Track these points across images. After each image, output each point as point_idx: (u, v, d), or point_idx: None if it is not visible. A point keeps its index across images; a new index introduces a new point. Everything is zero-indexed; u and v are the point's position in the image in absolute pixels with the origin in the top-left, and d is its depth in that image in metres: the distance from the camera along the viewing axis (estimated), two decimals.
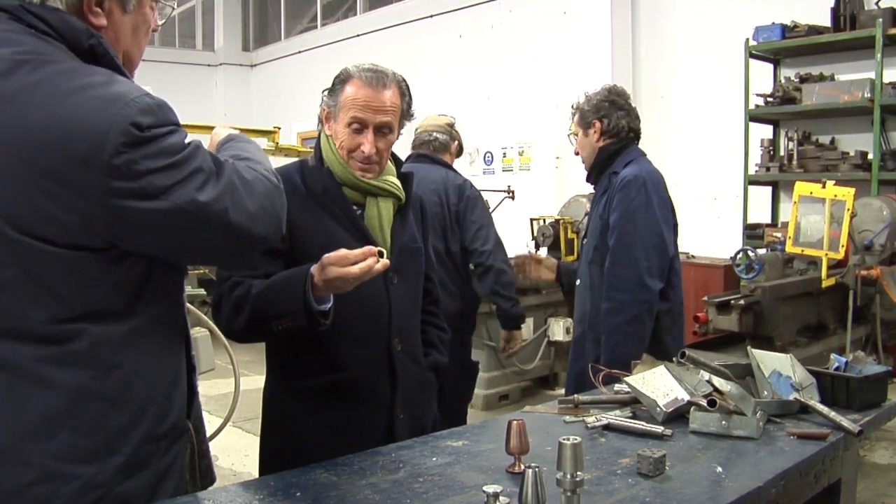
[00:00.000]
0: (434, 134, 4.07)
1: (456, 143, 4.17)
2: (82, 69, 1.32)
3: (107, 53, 1.37)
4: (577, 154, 3.25)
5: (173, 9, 1.64)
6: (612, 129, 3.11)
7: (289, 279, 1.88)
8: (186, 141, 1.37)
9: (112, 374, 1.35)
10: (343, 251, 1.80)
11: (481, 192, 4.17)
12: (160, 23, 1.56)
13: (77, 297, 1.32)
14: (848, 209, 4.04)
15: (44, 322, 1.30)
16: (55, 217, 1.27)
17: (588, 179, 3.25)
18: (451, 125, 4.19)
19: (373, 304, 2.07)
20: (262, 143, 8.22)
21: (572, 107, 3.27)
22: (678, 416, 1.97)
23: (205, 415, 1.75)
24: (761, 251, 4.54)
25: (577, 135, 3.22)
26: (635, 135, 3.16)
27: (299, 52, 12.64)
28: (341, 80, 2.10)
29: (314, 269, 1.83)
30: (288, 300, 1.84)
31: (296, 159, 2.22)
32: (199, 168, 1.35)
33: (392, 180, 2.18)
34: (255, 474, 2.17)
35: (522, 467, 1.54)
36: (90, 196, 1.26)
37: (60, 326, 1.31)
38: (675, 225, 3.12)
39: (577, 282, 3.18)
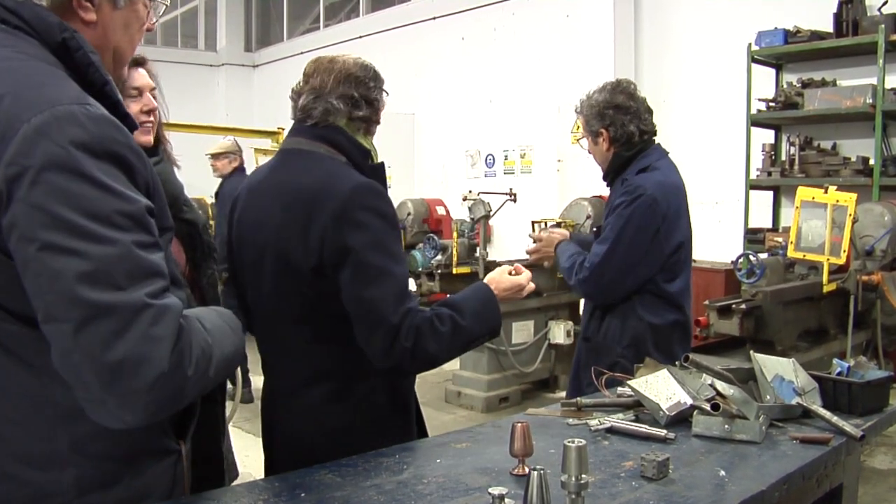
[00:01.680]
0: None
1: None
2: (28, 67, 1.25)
3: (80, 48, 1.31)
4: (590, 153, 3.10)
5: (166, 6, 1.59)
6: (620, 136, 2.93)
7: (483, 303, 2.05)
8: (128, 217, 1.21)
9: (63, 384, 1.22)
10: (516, 281, 2.13)
11: (481, 195, 4.18)
12: (153, 21, 1.52)
13: (12, 301, 1.25)
14: (849, 214, 4.05)
15: None
16: None
17: (604, 179, 3.11)
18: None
19: None
20: (266, 143, 8.27)
21: (575, 110, 3.09)
22: (681, 419, 1.98)
23: None
24: (763, 256, 4.55)
25: (584, 142, 3.09)
26: (649, 136, 2.98)
27: (302, 53, 12.63)
28: (381, 77, 2.07)
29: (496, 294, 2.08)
30: (490, 325, 2.05)
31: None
32: (102, 258, 1.17)
33: None
34: (255, 474, 2.17)
35: (527, 470, 1.54)
36: None
37: (3, 326, 1.27)
38: (690, 236, 3.07)
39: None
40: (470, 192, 6.36)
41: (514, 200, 6.56)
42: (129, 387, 1.16)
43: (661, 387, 2.04)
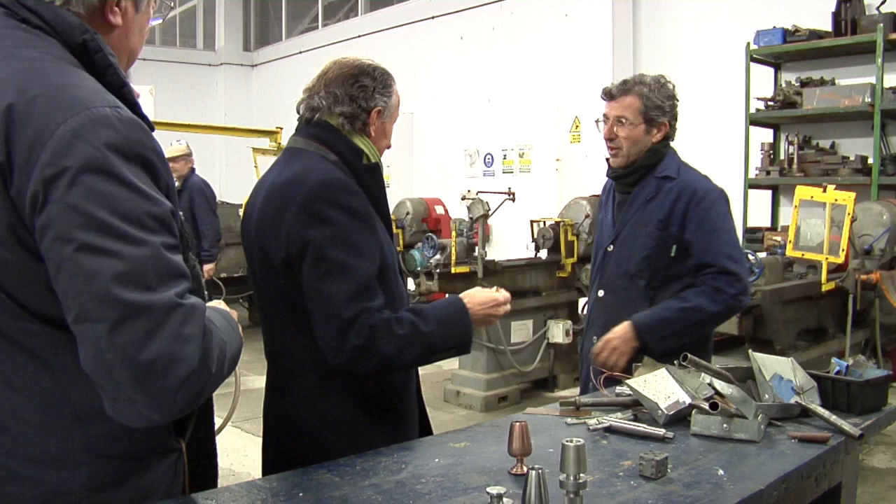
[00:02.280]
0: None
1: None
2: (57, 68, 1.26)
3: (100, 49, 1.32)
4: (610, 139, 2.77)
5: (171, 7, 1.62)
6: (671, 135, 2.79)
7: (452, 316, 2.02)
8: (157, 220, 1.23)
9: (79, 385, 1.27)
10: (491, 295, 2.10)
11: (480, 195, 4.18)
12: (155, 22, 1.55)
13: (32, 301, 1.26)
14: (848, 213, 4.05)
15: (4, 320, 1.26)
16: (1, 215, 1.21)
17: (614, 175, 2.85)
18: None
19: (400, 305, 2.08)
20: (264, 143, 8.27)
21: (626, 88, 2.75)
22: (679, 418, 1.97)
23: None
24: (761, 255, 4.55)
25: (624, 122, 2.72)
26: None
27: (300, 52, 12.66)
28: (388, 79, 2.06)
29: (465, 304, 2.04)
30: (457, 336, 2.01)
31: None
32: (140, 258, 1.19)
33: None
34: (255, 474, 2.17)
35: (525, 469, 1.54)
36: (22, 199, 1.19)
37: (21, 326, 1.27)
38: None
39: (601, 293, 2.83)
40: (469, 191, 6.36)
41: (513, 200, 6.56)
42: (161, 385, 1.19)
43: (659, 386, 2.04)
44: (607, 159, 2.88)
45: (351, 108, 2.00)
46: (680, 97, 2.84)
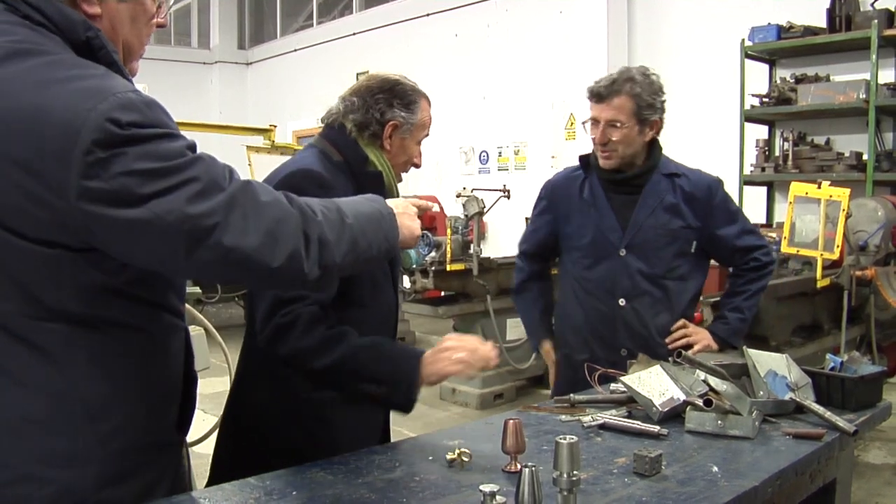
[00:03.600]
0: None
1: None
2: (70, 61, 1.26)
3: (104, 47, 1.32)
4: (602, 143, 2.65)
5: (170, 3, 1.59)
6: (660, 130, 2.72)
7: (399, 358, 1.89)
8: (190, 150, 1.27)
9: (90, 381, 1.29)
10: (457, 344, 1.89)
11: (475, 192, 4.17)
12: (164, 16, 1.50)
13: (50, 296, 1.26)
14: (843, 210, 4.05)
15: (15, 316, 1.25)
16: (26, 210, 1.20)
17: (617, 178, 2.72)
18: None
19: (384, 310, 2.11)
20: (258, 140, 8.25)
21: (615, 89, 2.61)
22: (674, 415, 1.97)
23: (199, 413, 1.74)
24: None
25: (618, 126, 2.61)
26: None
27: (295, 50, 12.64)
28: (413, 98, 2.08)
29: (425, 357, 1.86)
30: (392, 378, 1.85)
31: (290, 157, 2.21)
32: (195, 178, 1.24)
33: None
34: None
35: (519, 466, 1.53)
36: (63, 194, 1.18)
37: (33, 323, 1.26)
38: None
39: (622, 302, 2.69)
40: (464, 188, 6.35)
41: (508, 197, 6.55)
42: (288, 234, 1.32)
43: (653, 383, 2.03)
44: (583, 157, 2.82)
45: (363, 117, 2.04)
46: (674, 94, 2.83)
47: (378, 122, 2.04)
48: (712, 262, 2.93)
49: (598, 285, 2.74)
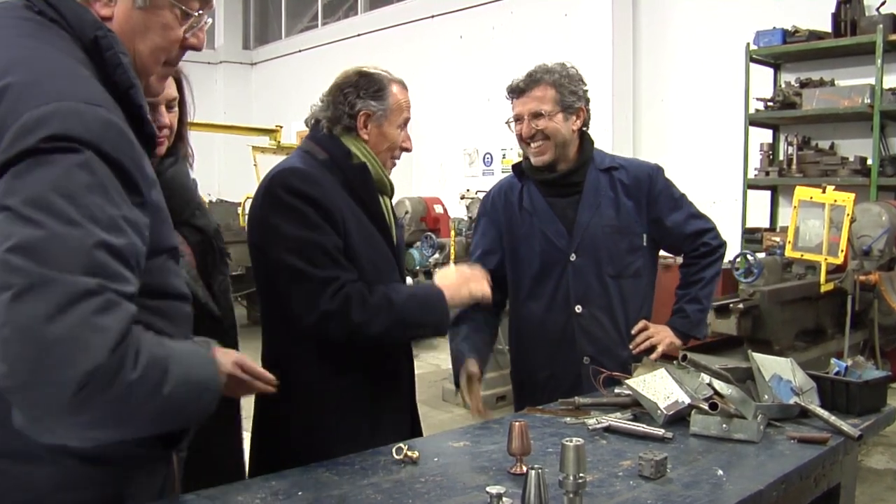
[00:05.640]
0: None
1: None
2: (50, 60, 1.23)
3: (112, 47, 1.28)
4: (530, 137, 2.58)
5: (209, 22, 1.50)
6: (587, 120, 2.64)
7: (425, 293, 2.16)
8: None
9: None
10: (462, 271, 2.21)
11: (479, 194, 4.17)
12: (194, 36, 1.44)
13: None
14: (847, 214, 4.05)
15: None
16: None
17: (549, 179, 2.63)
18: None
19: None
20: (264, 141, 8.26)
21: (535, 79, 2.63)
22: (679, 418, 1.97)
23: None
24: (760, 255, 4.55)
25: (543, 114, 2.55)
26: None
27: (300, 50, 12.65)
28: (380, 86, 2.15)
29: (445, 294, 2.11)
30: (431, 314, 2.10)
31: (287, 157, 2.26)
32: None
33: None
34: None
35: (524, 468, 1.54)
36: None
37: None
38: None
39: (579, 308, 2.57)
40: (468, 190, 6.37)
41: None
42: (59, 376, 1.05)
43: (658, 386, 2.04)
44: (516, 166, 2.75)
45: (333, 113, 2.14)
46: (679, 97, 2.84)
47: (348, 114, 2.13)
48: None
49: (551, 296, 2.61)
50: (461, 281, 2.18)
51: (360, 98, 2.12)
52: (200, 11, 1.43)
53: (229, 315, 2.07)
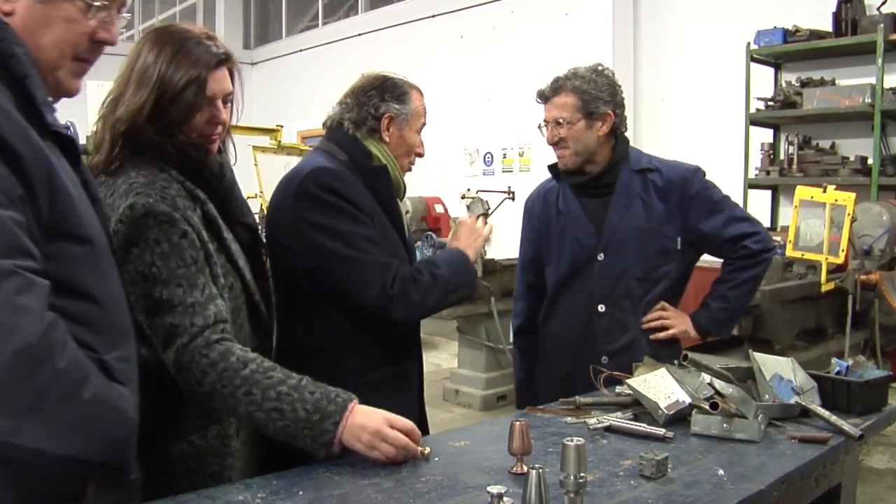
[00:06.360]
0: None
1: None
2: None
3: (4, 39, 1.24)
4: (553, 143, 2.66)
5: (127, 18, 1.44)
6: (620, 124, 2.63)
7: (455, 258, 2.21)
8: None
9: None
10: (472, 228, 2.29)
11: (479, 194, 4.18)
12: (98, 30, 1.36)
13: None
14: (848, 214, 4.05)
15: None
16: None
17: (581, 181, 2.66)
18: None
19: None
20: (264, 141, 8.25)
21: (558, 87, 2.67)
22: (679, 418, 1.97)
23: None
24: None
25: (562, 123, 2.61)
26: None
27: (300, 50, 12.64)
28: (403, 90, 2.20)
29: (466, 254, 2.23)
30: (464, 274, 2.20)
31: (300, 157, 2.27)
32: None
33: None
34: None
35: (525, 468, 1.54)
36: None
37: None
38: None
39: (602, 308, 2.61)
40: (468, 190, 6.36)
41: (513, 199, 6.56)
42: None
43: (659, 386, 2.04)
44: (552, 166, 2.79)
45: (359, 115, 2.17)
46: (680, 97, 2.83)
47: (373, 116, 2.16)
48: (710, 264, 2.88)
49: (577, 294, 2.66)
50: (473, 236, 2.27)
51: (384, 101, 2.16)
52: (106, 4, 1.37)
53: (273, 315, 2.03)
